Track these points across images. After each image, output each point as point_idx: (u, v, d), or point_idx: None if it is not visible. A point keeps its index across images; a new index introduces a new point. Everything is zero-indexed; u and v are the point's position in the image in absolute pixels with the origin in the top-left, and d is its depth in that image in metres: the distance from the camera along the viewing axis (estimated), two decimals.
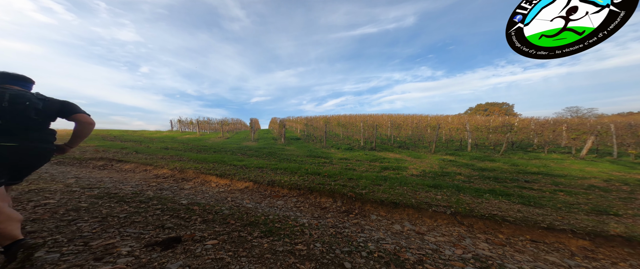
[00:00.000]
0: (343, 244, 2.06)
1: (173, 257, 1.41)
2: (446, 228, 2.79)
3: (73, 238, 1.46)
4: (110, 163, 5.11)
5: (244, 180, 4.13)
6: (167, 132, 19.57)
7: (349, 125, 17.21)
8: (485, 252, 2.18)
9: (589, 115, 23.17)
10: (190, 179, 4.22)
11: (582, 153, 7.28)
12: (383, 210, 3.29)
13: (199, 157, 6.28)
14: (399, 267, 1.75)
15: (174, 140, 12.71)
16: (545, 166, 6.34)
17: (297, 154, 8.92)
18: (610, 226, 2.38)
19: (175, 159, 5.79)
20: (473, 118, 15.60)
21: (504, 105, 38.47)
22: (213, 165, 5.15)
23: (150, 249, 1.45)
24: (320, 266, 1.64)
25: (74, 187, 2.80)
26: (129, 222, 1.86)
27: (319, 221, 2.72)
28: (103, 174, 4.19)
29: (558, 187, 4.28)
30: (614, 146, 7.42)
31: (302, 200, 3.64)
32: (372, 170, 6.08)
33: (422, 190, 3.95)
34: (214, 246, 1.67)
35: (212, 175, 4.30)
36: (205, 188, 3.72)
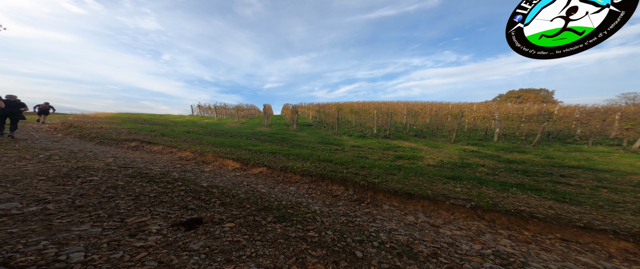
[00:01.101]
0: (354, 233, 2.07)
1: (195, 237, 1.53)
2: (464, 222, 2.67)
3: (112, 214, 1.65)
4: (142, 145, 5.64)
5: (258, 165, 4.29)
6: (189, 117, 20.85)
7: (361, 112, 16.66)
8: (507, 248, 2.05)
9: None
10: (210, 162, 4.50)
11: (634, 146, 6.24)
12: (396, 201, 3.23)
13: (217, 141, 6.62)
14: (412, 259, 1.72)
15: (194, 124, 13.53)
16: (587, 160, 5.61)
17: (309, 140, 8.99)
18: None
19: (196, 142, 6.18)
20: (503, 105, 14.00)
21: (542, 91, 33.92)
22: (230, 149, 5.40)
23: (175, 229, 1.58)
24: (332, 254, 1.67)
25: (112, 166, 3.15)
26: (158, 201, 2.04)
27: (331, 209, 2.76)
28: (136, 155, 4.64)
29: (601, 183, 3.79)
30: None
31: (314, 187, 3.71)
32: (385, 159, 5.93)
33: (439, 181, 3.77)
34: (231, 229, 1.77)
35: (229, 159, 4.53)
36: (223, 172, 3.95)
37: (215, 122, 16.24)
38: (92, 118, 12.26)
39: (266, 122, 15.53)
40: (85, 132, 7.10)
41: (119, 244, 1.27)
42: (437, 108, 14.60)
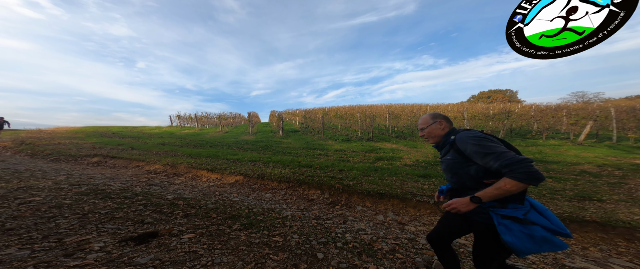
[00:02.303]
0: (321, 236, 2.11)
1: (145, 251, 1.46)
2: (428, 218, 2.83)
3: (48, 234, 1.52)
4: (105, 160, 5.21)
5: (234, 173, 4.19)
6: (167, 128, 19.72)
7: (347, 116, 17.08)
8: (462, 240, 2.22)
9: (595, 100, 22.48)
10: (182, 174, 4.30)
11: (580, 139, 7.17)
12: (369, 201, 3.34)
13: (194, 152, 6.35)
14: (371, 257, 1.79)
15: (172, 135, 12.83)
16: (540, 153, 6.28)
17: (294, 146, 8.96)
18: (589, 212, 2.38)
19: (170, 154, 5.87)
20: (472, 106, 15.31)
21: (507, 92, 37.55)
22: (206, 160, 5.21)
23: (123, 244, 1.50)
24: (293, 257, 1.69)
25: (62, 184, 2.88)
26: (109, 218, 1.91)
27: (303, 213, 2.78)
28: (96, 171, 4.28)
29: (549, 173, 4.26)
30: (614, 131, 7.28)
31: (290, 193, 3.70)
32: (366, 161, 6.10)
33: (411, 180, 3.97)
34: (190, 239, 1.72)
35: (203, 170, 4.37)
36: (195, 183, 3.79)
37: (196, 132, 15.54)
38: (49, 133, 11.09)
39: (251, 129, 15.23)
40: (39, 149, 6.40)
41: (48, 266, 1.18)
42: (416, 110, 15.50)
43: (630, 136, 7.04)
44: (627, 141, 7.05)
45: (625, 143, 6.98)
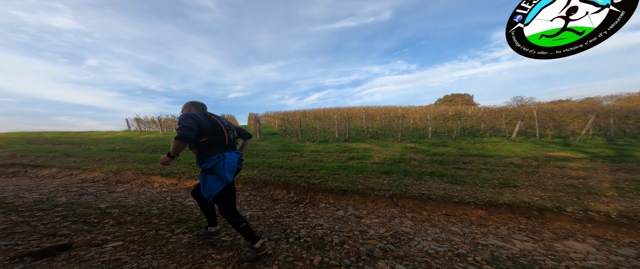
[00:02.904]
0: (274, 233, 2.09)
1: (47, 266, 1.25)
2: (384, 210, 3.03)
3: None
4: (24, 169, 4.31)
5: (193, 178, 3.88)
6: (122, 133, 17.31)
7: (325, 118, 17.39)
8: (407, 229, 2.41)
9: (530, 103, 27.42)
10: (128, 181, 3.81)
11: (512, 136, 8.61)
12: (332, 198, 3.43)
13: (150, 157, 5.70)
14: (319, 249, 1.85)
15: (127, 140, 11.30)
16: (483, 149, 7.32)
17: (269, 149, 8.72)
18: (504, 196, 2.87)
19: (118, 161, 5.16)
20: (435, 108, 17.12)
21: (466, 95, 42.70)
22: (161, 165, 4.72)
23: (17, 260, 1.26)
24: (238, 254, 1.64)
25: None
26: (7, 233, 1.59)
27: (264, 213, 2.72)
28: (9, 182, 3.51)
29: (485, 166, 4.99)
30: (537, 129, 8.95)
31: (255, 194, 3.59)
32: (338, 161, 6.26)
33: (374, 176, 4.21)
34: (114, 248, 1.53)
35: (156, 175, 3.95)
36: (143, 190, 3.40)
37: (159, 137, 13.97)
38: None
39: None
40: None
41: None
42: (389, 112, 16.64)
43: (548, 133, 8.72)
44: (546, 138, 8.72)
45: (545, 139, 8.63)
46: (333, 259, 1.71)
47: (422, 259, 1.70)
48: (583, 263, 1.58)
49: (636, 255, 1.82)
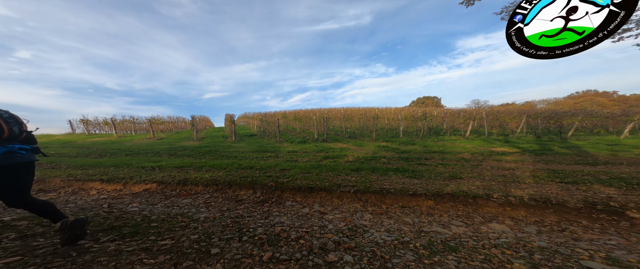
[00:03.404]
0: (228, 233, 1.99)
1: None
2: (348, 206, 3.13)
3: None
4: None
5: (144, 182, 3.47)
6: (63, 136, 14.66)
7: (305, 119, 17.36)
8: (365, 222, 2.52)
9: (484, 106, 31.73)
10: (54, 189, 3.22)
11: (467, 134, 9.84)
12: (300, 196, 3.43)
13: (92, 162, 4.92)
14: (273, 245, 1.82)
15: (67, 145, 9.58)
16: (443, 146, 8.18)
17: (244, 150, 8.32)
18: (449, 187, 3.24)
19: (45, 167, 4.33)
20: (407, 109, 18.58)
21: (435, 98, 47.08)
22: (107, 170, 4.12)
23: None
24: (178, 256, 1.51)
25: None
26: None
27: (223, 214, 2.56)
28: None
29: (442, 161, 5.58)
30: (486, 128, 10.42)
31: (217, 195, 3.37)
32: (313, 160, 6.28)
33: (344, 174, 4.33)
34: (7, 264, 1.27)
35: (95, 181, 3.42)
36: (75, 198, 2.91)
37: (112, 140, 12.19)
38: None
39: (196, 135, 13.22)
40: None
41: None
42: (366, 113, 17.45)
43: (493, 131, 10.18)
44: (493, 136, 10.19)
45: (492, 136, 10.07)
46: (284, 254, 1.70)
47: (370, 248, 1.81)
48: (496, 240, 1.87)
49: (537, 231, 2.23)
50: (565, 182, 3.41)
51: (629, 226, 2.25)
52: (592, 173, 3.91)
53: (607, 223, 2.32)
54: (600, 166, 4.58)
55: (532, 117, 10.60)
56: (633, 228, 2.23)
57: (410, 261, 1.61)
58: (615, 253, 1.70)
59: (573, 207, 2.53)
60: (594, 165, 4.73)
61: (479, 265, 1.49)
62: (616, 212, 2.40)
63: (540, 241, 1.91)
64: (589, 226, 2.31)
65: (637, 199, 2.59)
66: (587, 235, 2.13)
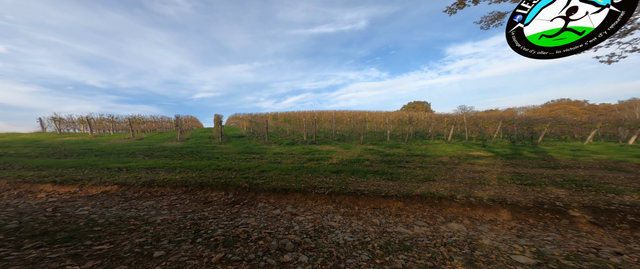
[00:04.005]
0: (182, 235, 1.87)
1: None
2: (321, 207, 3.07)
3: None
4: None
5: (103, 184, 3.24)
6: (31, 135, 13.54)
7: (295, 121, 17.25)
8: (335, 223, 2.46)
9: (470, 112, 33.21)
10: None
11: (448, 139, 10.21)
12: (274, 197, 3.34)
13: (52, 163, 4.55)
14: (228, 247, 1.73)
15: (32, 144, 8.83)
16: (426, 150, 8.39)
17: (228, 152, 8.07)
18: (419, 189, 3.29)
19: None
20: (395, 113, 19.06)
21: (425, 103, 48.54)
22: (64, 171, 3.82)
23: None
24: (114, 260, 1.40)
25: None
26: None
27: (185, 216, 2.42)
28: None
29: (421, 164, 5.69)
30: (466, 133, 10.89)
31: (185, 197, 3.20)
32: (297, 162, 6.17)
33: (323, 176, 4.27)
34: None
35: (46, 183, 3.15)
36: (17, 201, 2.65)
37: (86, 140, 11.42)
38: None
39: (180, 135, 12.69)
40: None
41: None
42: (356, 115, 17.68)
43: (473, 136, 10.63)
44: (472, 140, 10.64)
45: (471, 141, 10.51)
46: (238, 255, 1.62)
47: (328, 249, 1.77)
48: (448, 239, 1.90)
49: (489, 229, 2.30)
50: (524, 184, 3.58)
51: (568, 224, 2.39)
52: (550, 175, 4.15)
53: (550, 221, 2.45)
54: (559, 169, 4.88)
55: (508, 123, 11.22)
56: (571, 225, 2.37)
57: (364, 260, 1.59)
58: (546, 247, 1.79)
59: (524, 207, 2.65)
60: (555, 168, 5.04)
61: (423, 263, 1.50)
62: (560, 211, 2.55)
63: (487, 238, 1.97)
64: (535, 224, 2.43)
65: (581, 199, 2.76)
66: (531, 232, 2.24)
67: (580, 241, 2.06)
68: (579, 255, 1.61)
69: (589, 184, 3.52)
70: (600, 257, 1.62)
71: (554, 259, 1.53)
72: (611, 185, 3.49)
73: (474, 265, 1.46)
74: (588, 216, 2.44)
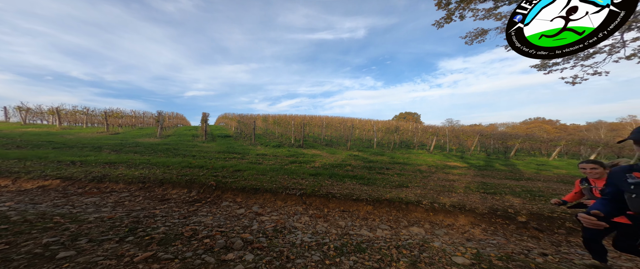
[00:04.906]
0: (110, 234, 1.63)
1: None
2: (290, 208, 2.91)
3: None
4: None
5: (44, 177, 2.88)
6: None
7: (285, 124, 17.05)
8: (299, 224, 2.33)
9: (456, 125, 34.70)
10: None
11: (431, 149, 10.50)
12: (241, 196, 3.12)
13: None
14: (162, 245, 1.52)
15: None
16: (408, 158, 8.52)
17: (209, 151, 7.68)
18: (390, 194, 3.23)
19: None
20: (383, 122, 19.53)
21: (415, 114, 50.19)
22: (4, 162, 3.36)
23: None
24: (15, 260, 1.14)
25: None
26: None
27: (129, 214, 2.16)
28: None
29: (400, 171, 5.72)
30: (447, 144, 11.28)
31: (138, 194, 2.90)
32: (278, 164, 5.96)
33: (299, 177, 4.11)
34: None
35: None
36: None
37: (50, 132, 10.47)
38: None
39: (160, 132, 11.99)
40: None
41: None
42: (345, 122, 17.84)
43: (453, 147, 11.02)
44: (452, 152, 11.02)
45: (451, 152, 10.88)
46: (171, 253, 1.42)
47: (280, 249, 1.62)
48: (403, 242, 1.84)
49: (444, 233, 2.28)
50: (487, 192, 3.67)
51: (514, 229, 2.47)
52: (512, 186, 4.32)
53: (499, 226, 2.52)
54: (522, 181, 5.11)
55: (485, 137, 11.80)
56: (517, 230, 2.45)
57: (314, 261, 1.45)
58: (486, 249, 1.81)
59: (480, 213, 2.70)
60: (518, 180, 5.27)
61: (371, 264, 1.40)
62: (510, 217, 2.62)
63: (438, 241, 1.94)
64: (486, 228, 2.48)
65: (530, 207, 2.88)
66: (480, 236, 2.28)
67: (519, 244, 2.13)
68: (511, 256, 1.65)
69: (542, 194, 3.69)
70: (528, 258, 1.69)
71: (487, 260, 1.54)
72: (561, 195, 3.67)
73: (416, 266, 1.41)
74: (533, 222, 2.53)
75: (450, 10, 3.68)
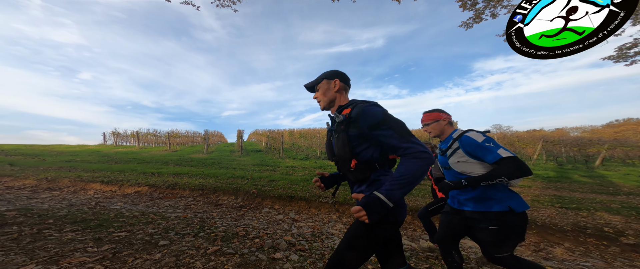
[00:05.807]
0: (188, 229, 2.03)
1: None
2: (324, 215, 3.01)
3: None
4: None
5: (137, 185, 3.74)
6: (95, 146, 16.46)
7: (311, 137, 17.62)
8: (334, 231, 2.39)
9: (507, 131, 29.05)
10: (60, 188, 3.62)
11: None
12: (278, 204, 3.39)
13: (104, 167, 5.44)
14: (225, 241, 1.82)
15: (94, 153, 10.71)
16: None
17: (245, 163, 8.59)
18: None
19: (65, 170, 4.88)
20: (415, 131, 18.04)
21: None
22: (111, 174, 4.53)
23: None
24: (126, 246, 1.60)
25: None
26: None
27: (196, 215, 2.63)
28: None
29: None
30: None
31: (199, 199, 3.47)
32: (307, 175, 6.21)
33: None
34: None
35: (96, 183, 3.78)
36: (72, 196, 3.22)
37: (133, 151, 13.37)
38: None
39: (206, 148, 14.02)
40: None
41: None
42: None
43: None
44: None
45: None
46: (232, 249, 1.69)
47: (321, 252, 1.73)
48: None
49: None
50: (565, 207, 2.99)
51: (618, 252, 1.90)
52: (605, 201, 3.39)
53: (592, 247, 2.00)
54: (620, 196, 3.94)
55: (551, 144, 9.61)
56: (623, 253, 1.89)
57: None
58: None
59: (559, 230, 2.21)
60: (614, 194, 4.09)
61: None
62: (608, 237, 2.05)
63: None
64: (572, 248, 2.01)
65: (638, 227, 2.19)
66: (564, 256, 1.89)
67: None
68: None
69: None
70: None
71: None
72: None
73: None
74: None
75: (478, 10, 3.39)
